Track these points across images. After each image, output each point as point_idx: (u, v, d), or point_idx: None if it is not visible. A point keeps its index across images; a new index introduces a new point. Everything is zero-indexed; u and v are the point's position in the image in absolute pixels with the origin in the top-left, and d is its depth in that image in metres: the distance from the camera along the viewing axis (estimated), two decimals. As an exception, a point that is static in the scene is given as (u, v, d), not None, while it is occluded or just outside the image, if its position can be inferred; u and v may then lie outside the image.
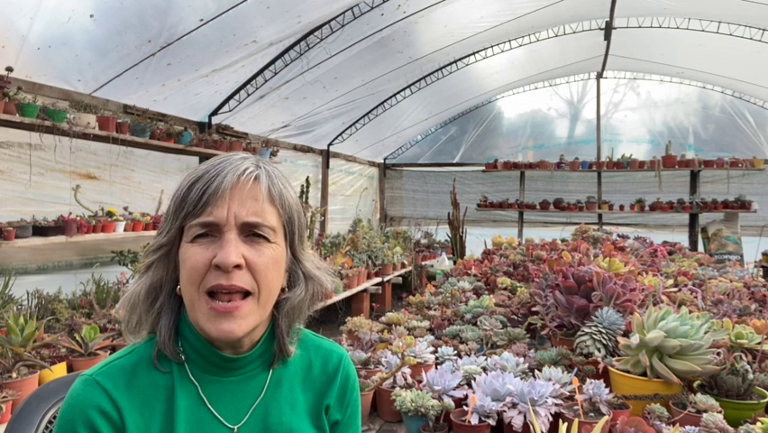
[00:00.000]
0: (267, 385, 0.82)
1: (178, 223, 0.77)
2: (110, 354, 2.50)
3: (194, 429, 0.75)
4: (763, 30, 5.76)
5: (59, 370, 2.21)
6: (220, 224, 0.75)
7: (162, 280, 0.80)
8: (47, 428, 0.93)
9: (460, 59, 7.07)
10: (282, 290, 0.82)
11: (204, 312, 0.74)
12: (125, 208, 4.14)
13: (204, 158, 5.21)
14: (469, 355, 1.96)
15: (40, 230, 3.28)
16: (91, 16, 3.43)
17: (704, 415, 1.33)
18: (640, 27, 6.35)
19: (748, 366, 1.50)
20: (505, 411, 1.46)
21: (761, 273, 5.31)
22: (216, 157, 0.81)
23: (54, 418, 0.94)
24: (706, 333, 1.56)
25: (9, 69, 3.10)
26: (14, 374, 2.07)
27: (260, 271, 0.75)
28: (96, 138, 3.69)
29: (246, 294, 0.75)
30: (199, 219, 0.75)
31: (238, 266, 0.74)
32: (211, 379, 0.79)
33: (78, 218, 3.53)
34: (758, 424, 1.25)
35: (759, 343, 1.72)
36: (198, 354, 0.78)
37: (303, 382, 0.86)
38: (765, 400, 1.46)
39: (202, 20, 3.97)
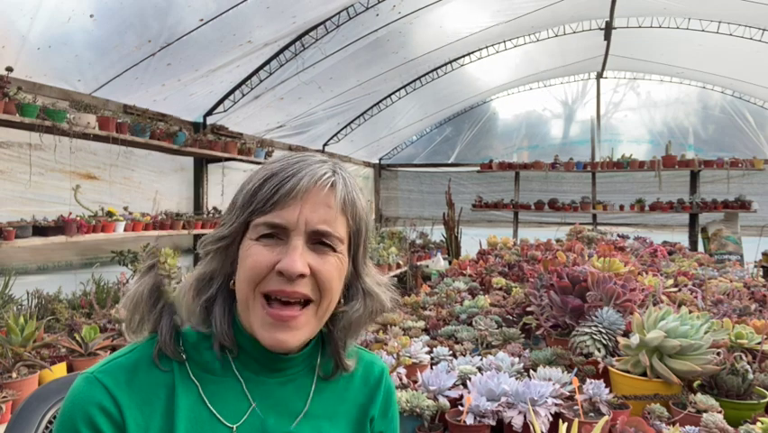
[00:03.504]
0: (312, 392, 0.80)
1: (243, 218, 0.74)
2: (110, 354, 2.49)
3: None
4: (763, 30, 5.77)
5: (59, 370, 2.20)
6: (289, 227, 0.72)
7: (215, 273, 0.77)
8: (47, 428, 0.93)
9: (455, 60, 7.08)
10: (339, 302, 0.79)
11: (259, 317, 0.72)
12: (125, 208, 4.14)
13: (198, 158, 5.19)
14: (464, 355, 1.96)
15: (40, 230, 3.28)
16: (91, 16, 3.42)
17: (704, 415, 1.33)
18: (640, 27, 6.36)
19: (748, 366, 1.50)
20: (500, 411, 1.46)
21: (761, 273, 5.32)
22: (292, 155, 0.78)
23: (54, 418, 0.94)
24: (706, 333, 1.56)
25: (9, 69, 3.10)
26: (14, 374, 2.07)
27: (324, 281, 0.73)
28: (96, 138, 3.68)
29: (306, 303, 0.73)
30: (267, 218, 0.72)
31: (302, 275, 0.71)
32: (253, 377, 0.77)
33: (78, 218, 3.53)
34: (758, 424, 1.25)
35: (759, 343, 1.72)
36: (244, 351, 0.76)
37: (344, 392, 0.84)
38: (765, 401, 1.46)
39: (202, 20, 3.97)
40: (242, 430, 0.75)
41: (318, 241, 0.74)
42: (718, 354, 1.54)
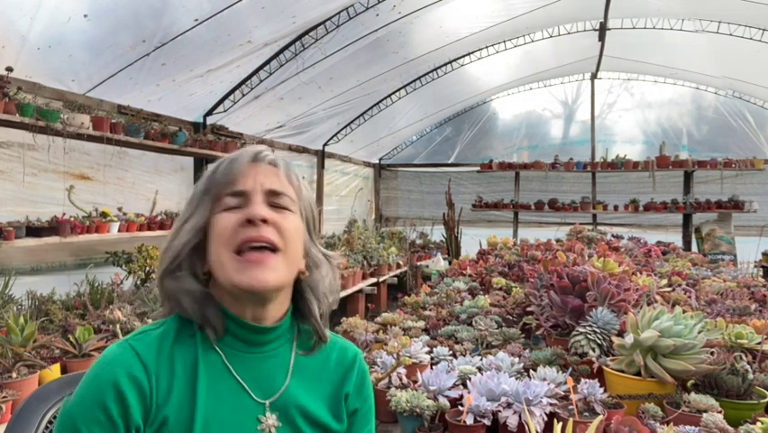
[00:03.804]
0: (291, 367, 0.85)
1: (207, 196, 0.83)
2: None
3: (216, 398, 0.78)
4: (763, 30, 5.80)
5: (53, 371, 2.19)
6: (247, 190, 0.82)
7: (189, 242, 0.82)
8: (47, 428, 0.93)
9: (455, 60, 7.09)
10: (302, 272, 0.86)
11: (234, 267, 0.78)
12: (119, 209, 4.12)
13: (198, 158, 5.19)
14: (464, 355, 1.97)
15: (33, 231, 3.26)
16: (85, 16, 3.41)
17: (704, 415, 1.34)
18: (634, 28, 6.39)
19: (748, 366, 1.51)
20: (500, 411, 1.47)
21: (761, 273, 5.34)
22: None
23: (54, 418, 0.94)
24: (699, 332, 1.57)
25: (9, 69, 3.08)
26: (14, 374, 2.06)
27: (285, 231, 0.82)
28: (90, 138, 3.67)
29: (274, 250, 0.80)
30: (228, 189, 0.82)
31: (265, 220, 0.80)
32: (234, 352, 0.82)
33: (72, 219, 3.51)
34: (758, 424, 1.26)
35: (759, 343, 1.73)
36: (224, 328, 0.82)
37: (320, 372, 0.89)
38: (765, 401, 1.47)
39: (197, 20, 3.96)
40: (272, 408, 0.81)
41: (274, 203, 0.83)
42: (712, 353, 1.55)
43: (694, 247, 7.29)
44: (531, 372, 1.72)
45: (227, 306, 0.81)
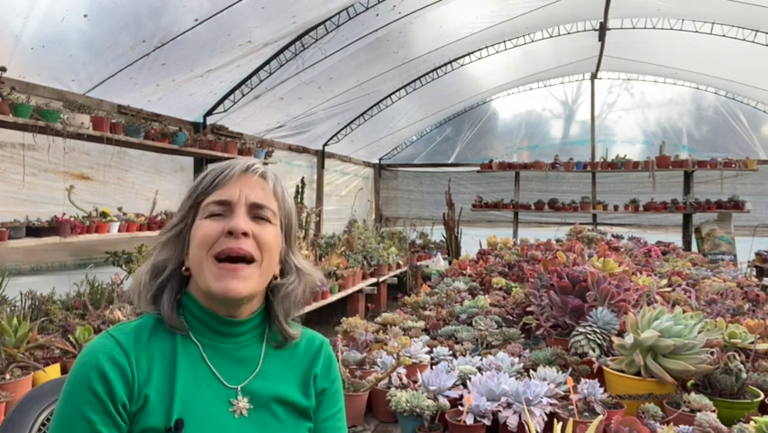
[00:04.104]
0: (263, 357, 0.93)
1: (191, 202, 0.90)
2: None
3: (193, 383, 0.86)
4: (756, 31, 5.81)
5: (53, 371, 2.19)
6: (232, 201, 0.88)
7: (167, 261, 0.91)
8: (40, 430, 0.93)
9: (455, 60, 7.09)
10: (275, 277, 0.93)
11: (212, 273, 0.85)
12: (119, 209, 4.12)
13: (198, 158, 5.19)
14: (464, 355, 1.97)
15: (33, 231, 3.26)
16: (85, 16, 3.41)
17: (698, 414, 1.34)
18: (634, 28, 6.39)
19: (742, 366, 1.51)
20: (500, 411, 1.47)
21: (754, 273, 5.35)
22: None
23: (48, 420, 0.94)
24: (699, 332, 1.57)
25: (2, 69, 3.08)
26: (8, 376, 2.06)
27: (264, 243, 0.88)
28: (90, 138, 3.66)
29: (250, 261, 0.87)
30: (213, 197, 0.88)
31: (246, 234, 0.86)
32: (208, 343, 0.89)
33: (72, 219, 3.51)
34: (751, 423, 1.26)
35: (752, 342, 1.73)
36: (199, 321, 0.89)
37: (290, 359, 0.97)
38: (759, 400, 1.47)
39: (197, 20, 3.96)
40: (243, 392, 0.88)
41: (256, 214, 0.90)
42: (712, 353, 1.55)
43: (694, 247, 7.30)
44: (531, 372, 1.72)
45: (203, 302, 0.89)
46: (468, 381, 1.65)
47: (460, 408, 1.52)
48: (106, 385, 0.80)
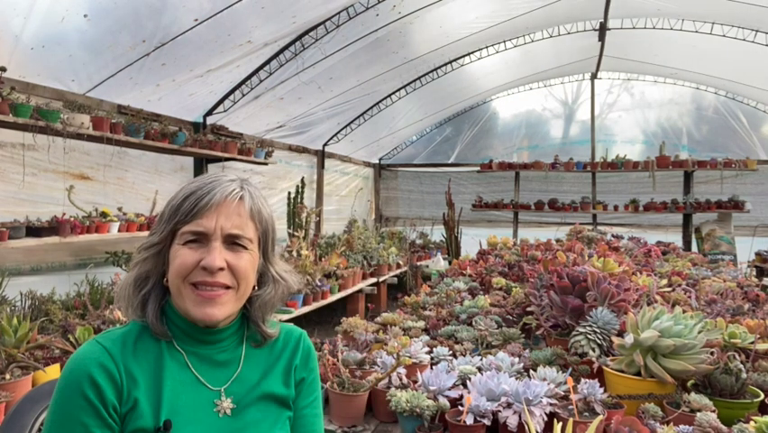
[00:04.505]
0: (243, 358, 0.98)
1: (170, 227, 0.92)
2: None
3: (179, 388, 0.90)
4: (756, 31, 5.81)
5: (53, 371, 2.19)
6: (208, 233, 0.91)
7: (150, 273, 0.95)
8: (39, 430, 0.93)
9: (455, 60, 7.08)
10: (253, 287, 0.98)
11: (191, 299, 0.90)
12: (119, 209, 4.12)
13: (198, 158, 5.19)
14: (464, 355, 1.97)
15: (33, 231, 3.26)
16: (85, 16, 3.41)
17: (698, 414, 1.34)
18: (634, 28, 6.39)
19: (741, 366, 1.51)
20: (500, 411, 1.47)
21: (754, 273, 5.35)
22: (208, 176, 0.97)
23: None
24: (699, 332, 1.57)
25: (2, 69, 3.08)
26: (8, 376, 2.06)
27: (240, 273, 0.92)
28: (90, 138, 3.66)
29: (227, 288, 0.92)
30: (190, 227, 0.91)
31: (221, 268, 0.90)
32: (191, 350, 0.94)
33: (72, 219, 3.51)
34: (751, 423, 1.26)
35: (752, 342, 1.73)
36: (181, 330, 0.94)
37: (270, 355, 1.02)
38: (759, 400, 1.47)
39: (197, 20, 3.96)
40: (227, 393, 0.94)
41: (232, 242, 0.93)
42: (712, 353, 1.55)
43: (694, 247, 7.30)
44: (531, 372, 1.72)
45: (184, 315, 0.93)
46: (468, 381, 1.65)
47: (460, 408, 1.52)
48: (97, 390, 0.84)
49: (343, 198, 8.81)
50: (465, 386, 1.66)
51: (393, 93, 7.46)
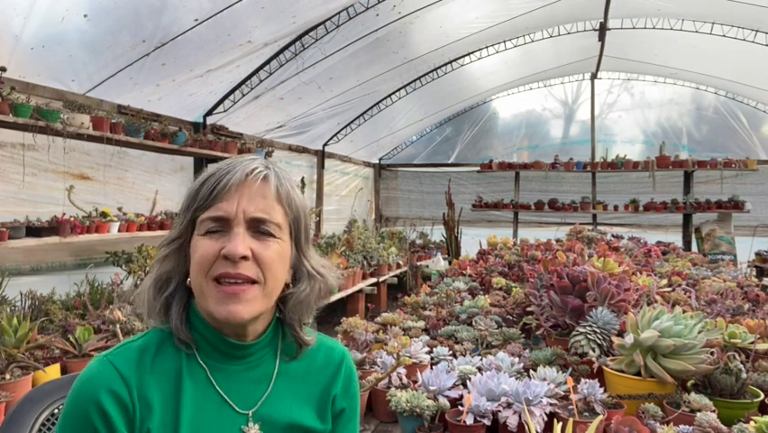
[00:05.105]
0: (275, 375, 0.86)
1: (189, 215, 0.82)
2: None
3: (200, 411, 0.79)
4: (756, 31, 5.81)
5: (53, 371, 2.19)
6: (229, 218, 0.79)
7: (172, 272, 0.84)
8: (40, 430, 0.93)
9: (455, 60, 7.08)
10: (287, 285, 0.86)
11: (212, 296, 0.78)
12: (119, 209, 4.12)
13: (198, 158, 5.19)
14: (464, 355, 1.97)
15: (33, 231, 3.26)
16: (85, 16, 3.41)
17: (698, 414, 1.34)
18: (634, 28, 6.39)
19: (741, 366, 1.51)
20: (500, 411, 1.47)
21: (754, 273, 5.34)
22: (228, 159, 0.86)
23: (47, 420, 0.94)
24: (699, 332, 1.57)
25: (2, 69, 3.08)
26: (8, 376, 2.06)
27: (266, 263, 0.80)
28: (90, 138, 3.66)
29: (252, 283, 0.80)
30: (209, 213, 0.80)
31: (245, 257, 0.78)
32: (217, 366, 0.83)
33: (72, 219, 3.51)
34: (751, 423, 1.26)
35: (752, 342, 1.73)
36: (206, 341, 0.83)
37: (306, 375, 0.90)
38: (759, 400, 1.47)
39: (197, 20, 3.96)
40: (255, 417, 0.82)
41: (258, 229, 0.81)
42: (712, 353, 1.55)
43: (694, 247, 7.30)
44: (531, 372, 1.72)
45: (209, 321, 0.82)
46: (468, 381, 1.65)
47: (460, 408, 1.52)
48: (105, 421, 0.75)
49: (343, 198, 8.81)
50: (465, 386, 1.66)
51: (393, 93, 7.46)
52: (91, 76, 3.95)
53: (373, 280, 6.11)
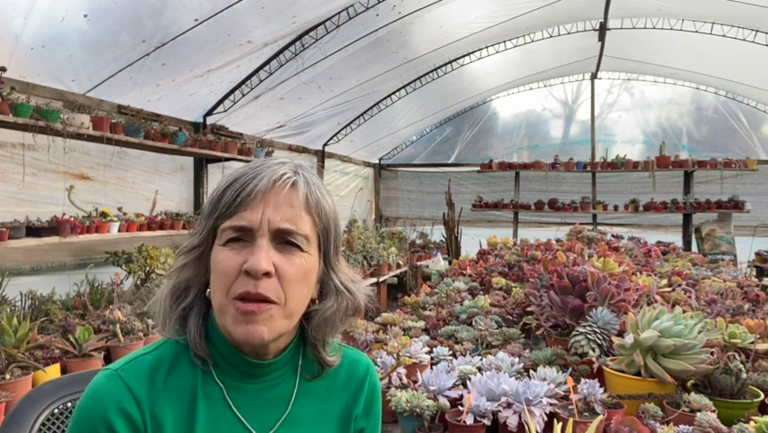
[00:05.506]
0: (294, 395, 0.82)
1: (211, 223, 0.76)
2: (104, 355, 2.49)
3: (215, 430, 0.75)
4: (756, 31, 5.81)
5: (53, 371, 2.19)
6: (253, 228, 0.73)
7: (191, 282, 0.79)
8: (40, 430, 0.93)
9: (455, 60, 7.09)
10: (313, 300, 0.81)
11: (232, 315, 0.73)
12: (119, 209, 4.12)
13: (198, 158, 5.19)
14: (464, 355, 1.97)
15: (33, 231, 3.26)
16: (85, 16, 3.41)
17: (698, 414, 1.34)
18: (634, 28, 6.39)
19: (741, 366, 1.51)
20: (500, 411, 1.47)
21: (754, 273, 5.35)
22: (255, 161, 0.81)
23: (47, 420, 0.94)
24: (699, 332, 1.57)
25: (2, 69, 3.08)
26: (8, 376, 2.06)
27: (289, 281, 0.74)
28: (90, 138, 3.66)
29: (270, 303, 0.74)
30: (232, 222, 0.74)
31: (267, 273, 0.72)
32: (234, 385, 0.78)
33: (72, 219, 3.51)
34: (751, 423, 1.26)
35: (752, 342, 1.73)
36: (223, 359, 0.78)
37: (328, 392, 0.85)
38: (759, 400, 1.47)
39: (197, 20, 3.96)
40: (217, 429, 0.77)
41: (284, 240, 0.75)
42: (712, 353, 1.55)
43: (694, 247, 7.30)
44: (531, 372, 1.72)
45: (227, 337, 0.77)
46: (468, 381, 1.65)
47: (460, 408, 1.52)
48: None
49: (343, 197, 8.81)
50: (465, 386, 1.66)
51: (393, 93, 7.46)
52: (91, 76, 3.95)
53: (373, 280, 6.11)
